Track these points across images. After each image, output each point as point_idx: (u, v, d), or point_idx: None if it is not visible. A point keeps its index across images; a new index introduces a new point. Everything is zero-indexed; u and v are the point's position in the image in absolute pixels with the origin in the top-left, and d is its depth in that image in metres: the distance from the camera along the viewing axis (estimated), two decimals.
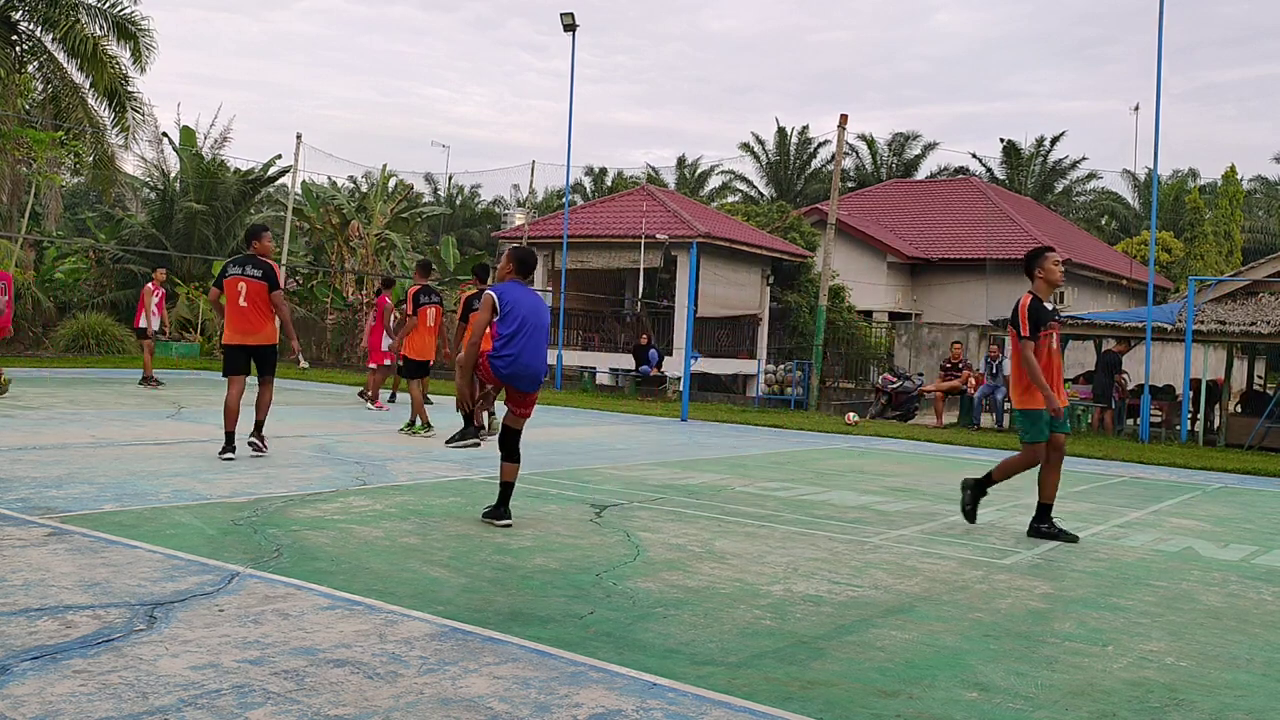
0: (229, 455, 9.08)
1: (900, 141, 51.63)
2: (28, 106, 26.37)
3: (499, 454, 6.89)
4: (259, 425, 9.49)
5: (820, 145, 51.32)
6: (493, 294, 6.78)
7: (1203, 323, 17.88)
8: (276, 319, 9.49)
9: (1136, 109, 35.23)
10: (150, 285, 17.60)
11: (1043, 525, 7.49)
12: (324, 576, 5.13)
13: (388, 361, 16.05)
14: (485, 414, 11.70)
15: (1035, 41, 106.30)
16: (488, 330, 6.81)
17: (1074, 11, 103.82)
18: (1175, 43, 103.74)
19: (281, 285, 9.53)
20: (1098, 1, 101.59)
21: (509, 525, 6.71)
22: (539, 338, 6.84)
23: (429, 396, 16.58)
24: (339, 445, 10.71)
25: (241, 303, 9.29)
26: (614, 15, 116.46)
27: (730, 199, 50.87)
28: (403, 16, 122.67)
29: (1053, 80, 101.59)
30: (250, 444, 9.40)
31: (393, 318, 15.91)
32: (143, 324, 17.38)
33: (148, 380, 17.04)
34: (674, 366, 24.04)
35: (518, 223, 31.47)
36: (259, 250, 9.50)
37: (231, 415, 9.20)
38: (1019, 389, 7.42)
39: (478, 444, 7.54)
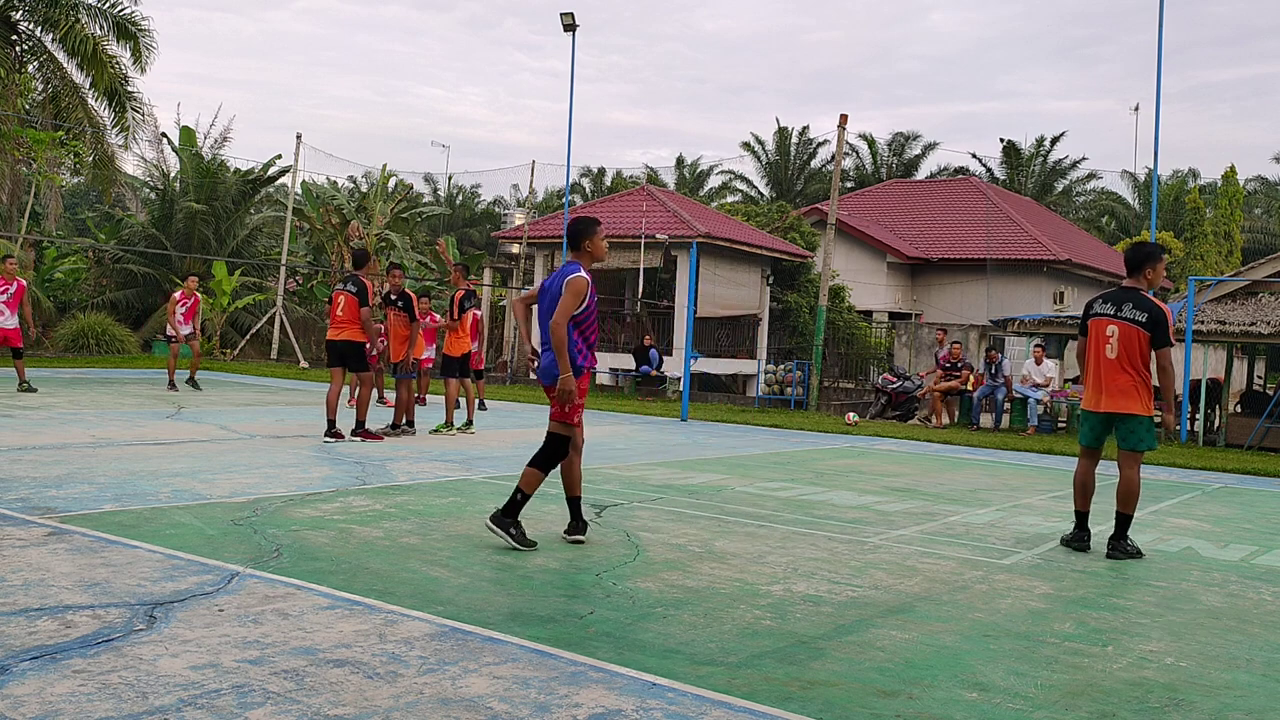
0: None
1: (900, 141, 51.59)
2: (28, 106, 26.35)
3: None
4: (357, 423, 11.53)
5: (820, 145, 51.32)
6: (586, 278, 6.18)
7: (1203, 323, 17.87)
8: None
9: (1136, 109, 35.31)
10: (177, 295, 17.47)
11: None
12: (324, 576, 5.13)
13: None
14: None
15: (1029, 41, 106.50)
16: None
17: (1067, 11, 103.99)
18: (1170, 42, 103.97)
19: (370, 302, 11.28)
20: (1090, 1, 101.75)
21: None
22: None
23: (424, 397, 16.65)
24: (339, 445, 10.70)
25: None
26: (609, 15, 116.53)
27: (730, 199, 50.81)
28: (397, 16, 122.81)
29: (1047, 80, 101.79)
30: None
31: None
32: (169, 332, 17.56)
33: (171, 385, 17.10)
34: (674, 366, 24.03)
35: (517, 223, 31.42)
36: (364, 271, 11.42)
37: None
38: None
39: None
